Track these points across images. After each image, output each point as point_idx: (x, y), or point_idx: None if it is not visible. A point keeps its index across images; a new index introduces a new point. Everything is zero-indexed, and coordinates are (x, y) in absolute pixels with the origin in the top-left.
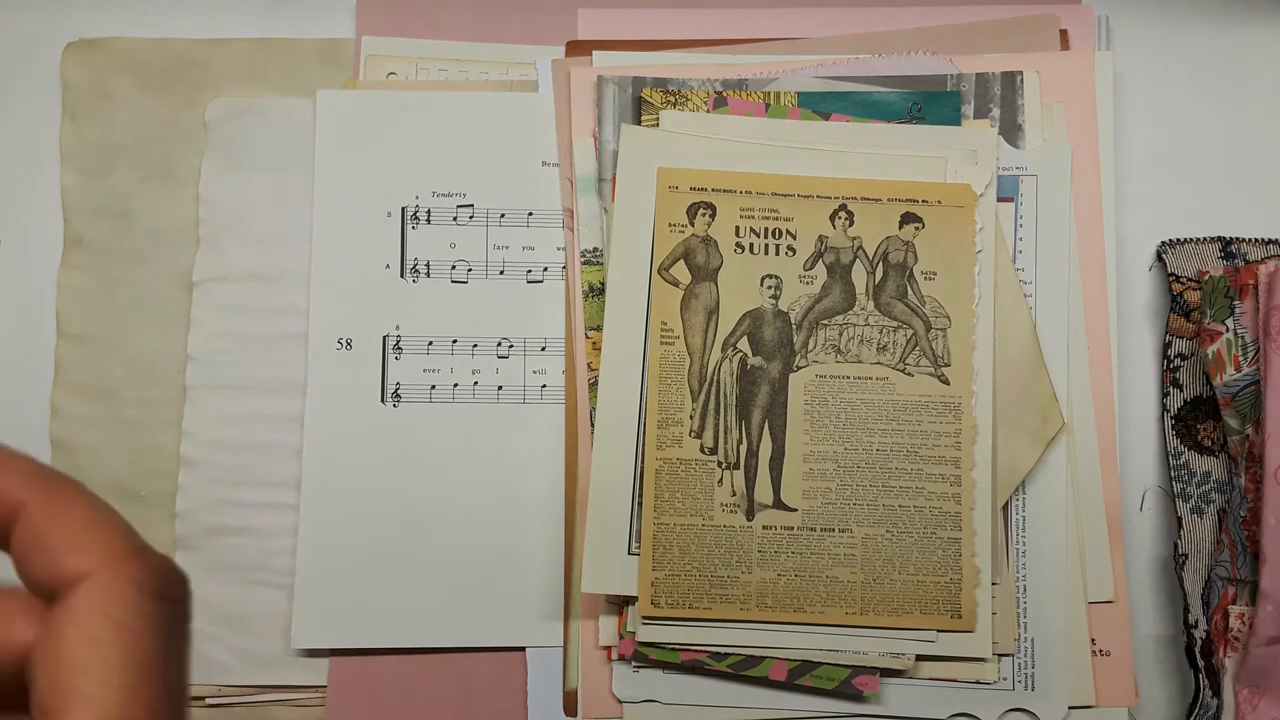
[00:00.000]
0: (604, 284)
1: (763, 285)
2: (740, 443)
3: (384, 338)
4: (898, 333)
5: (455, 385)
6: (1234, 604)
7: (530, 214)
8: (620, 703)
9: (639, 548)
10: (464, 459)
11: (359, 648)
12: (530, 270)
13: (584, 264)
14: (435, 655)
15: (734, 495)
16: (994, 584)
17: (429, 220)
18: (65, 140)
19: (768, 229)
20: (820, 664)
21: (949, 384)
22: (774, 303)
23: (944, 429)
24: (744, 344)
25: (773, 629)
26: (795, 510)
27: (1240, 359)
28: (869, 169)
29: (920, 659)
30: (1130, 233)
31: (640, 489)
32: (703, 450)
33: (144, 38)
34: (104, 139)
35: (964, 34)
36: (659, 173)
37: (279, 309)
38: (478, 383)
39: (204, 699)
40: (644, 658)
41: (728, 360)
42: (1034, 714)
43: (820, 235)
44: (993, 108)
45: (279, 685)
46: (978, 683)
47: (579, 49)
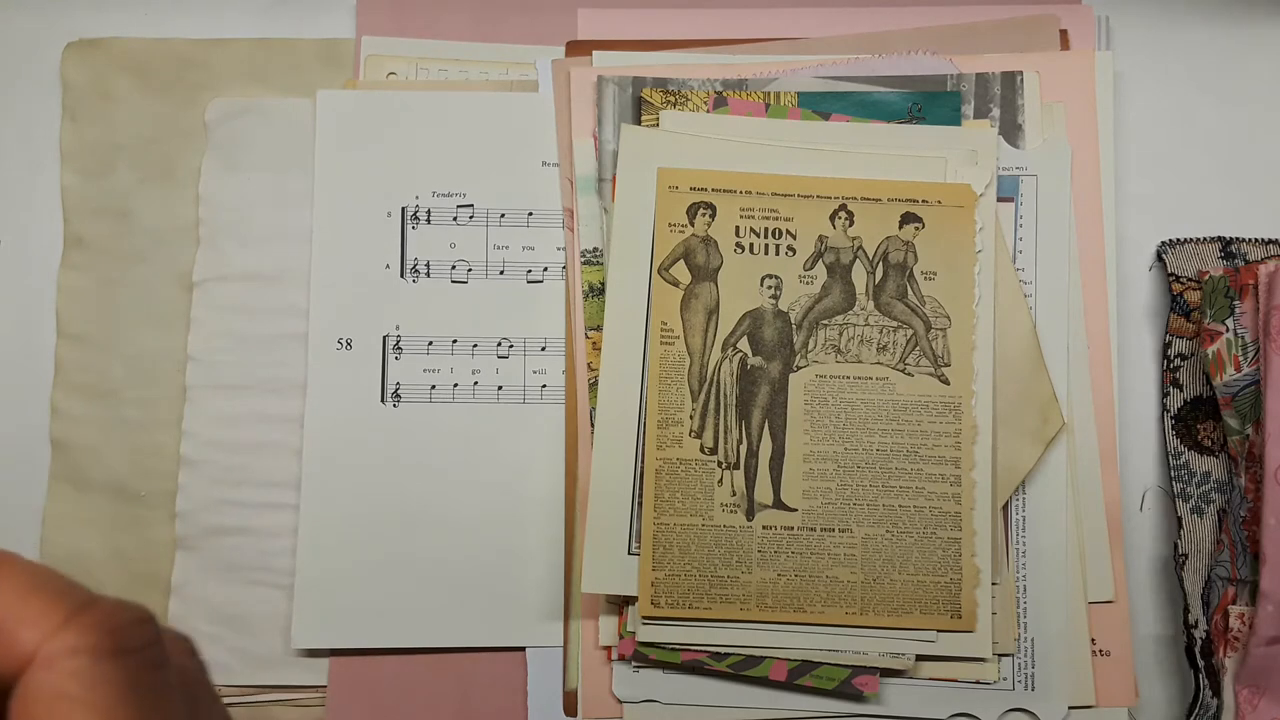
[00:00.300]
0: (604, 284)
1: (763, 285)
2: (740, 443)
3: (384, 338)
4: (898, 333)
5: (455, 385)
6: (1234, 604)
7: (530, 214)
8: (620, 703)
9: (639, 548)
10: (464, 459)
11: (359, 648)
12: (530, 270)
13: (584, 264)
14: (435, 655)
15: (734, 495)
16: (994, 584)
17: (429, 220)
18: (65, 140)
19: (768, 229)
20: (820, 664)
21: (949, 384)
22: (774, 303)
23: (944, 429)
24: (744, 344)
25: (773, 629)
26: (795, 510)
27: (1240, 359)
28: (869, 169)
29: (920, 659)
30: (1130, 233)
31: (640, 489)
32: (703, 450)
33: (144, 38)
34: (104, 139)
35: (964, 34)
36: (659, 173)
37: (279, 309)
38: (478, 383)
39: None
40: (644, 658)
41: (728, 360)
42: (1034, 714)
43: (820, 235)
44: (993, 108)
45: (279, 685)
46: (978, 683)
47: (579, 49)
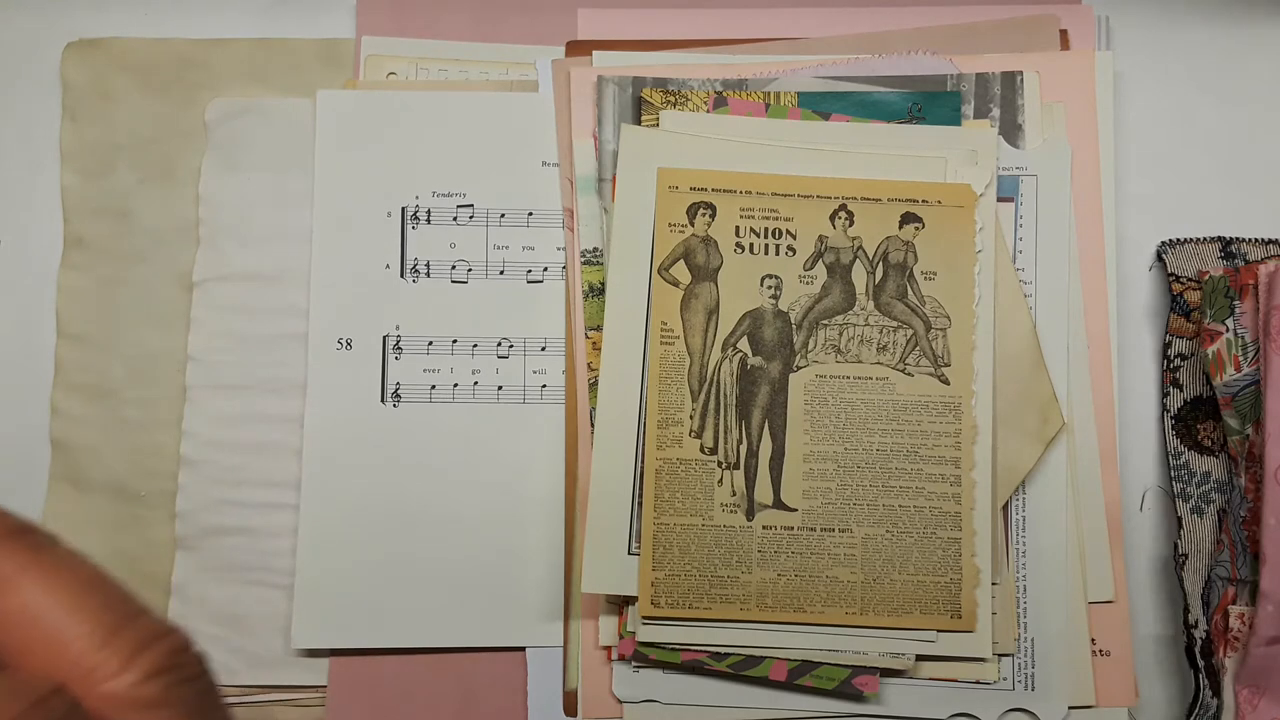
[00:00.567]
0: (604, 284)
1: (763, 285)
2: (740, 443)
3: (384, 338)
4: (898, 333)
5: (455, 385)
6: (1234, 604)
7: (530, 214)
8: (620, 703)
9: (639, 548)
10: (464, 459)
11: (359, 648)
12: (530, 270)
13: (584, 264)
14: (435, 655)
15: (734, 495)
16: (994, 584)
17: (429, 220)
18: (65, 140)
19: (768, 229)
20: (820, 664)
21: (949, 384)
22: (774, 303)
23: (944, 429)
24: (744, 344)
25: (773, 629)
26: (795, 510)
27: (1240, 359)
28: (869, 169)
29: (920, 659)
30: (1130, 233)
31: (640, 489)
32: (703, 450)
33: (144, 38)
34: (104, 139)
35: (964, 34)
36: (659, 173)
37: (279, 309)
38: (478, 383)
39: None
40: (644, 658)
41: (728, 360)
42: (1034, 714)
43: (820, 235)
44: (993, 108)
45: (279, 685)
46: (978, 683)
47: (579, 49)
